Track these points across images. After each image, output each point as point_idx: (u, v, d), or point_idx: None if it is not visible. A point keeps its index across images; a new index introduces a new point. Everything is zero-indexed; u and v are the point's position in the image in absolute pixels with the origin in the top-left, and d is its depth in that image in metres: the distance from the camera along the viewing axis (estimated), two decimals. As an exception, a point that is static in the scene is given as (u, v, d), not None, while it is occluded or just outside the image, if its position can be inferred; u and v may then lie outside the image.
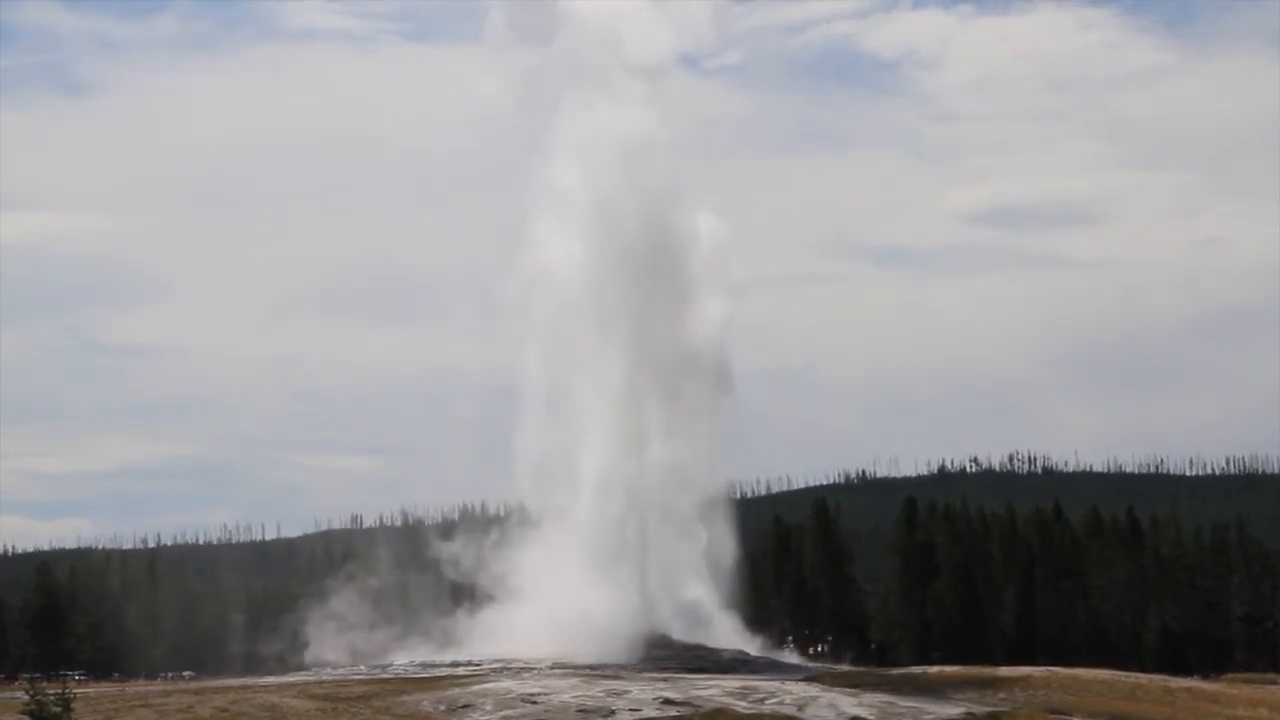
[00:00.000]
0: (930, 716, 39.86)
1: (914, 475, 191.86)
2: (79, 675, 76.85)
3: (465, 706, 39.77)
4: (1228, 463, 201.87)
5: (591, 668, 48.99)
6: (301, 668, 59.12)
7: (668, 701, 40.06)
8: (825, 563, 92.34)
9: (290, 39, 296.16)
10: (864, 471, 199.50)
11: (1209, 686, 51.68)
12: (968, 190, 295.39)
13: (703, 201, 65.30)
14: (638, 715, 38.67)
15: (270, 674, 59.53)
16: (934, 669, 53.94)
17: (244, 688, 46.59)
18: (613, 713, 38.92)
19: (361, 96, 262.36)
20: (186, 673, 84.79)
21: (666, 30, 64.60)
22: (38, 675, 42.64)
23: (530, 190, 62.94)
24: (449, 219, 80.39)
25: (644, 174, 62.09)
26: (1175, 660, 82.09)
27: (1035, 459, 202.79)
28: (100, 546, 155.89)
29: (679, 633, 56.37)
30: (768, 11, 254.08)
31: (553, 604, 54.33)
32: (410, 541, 65.52)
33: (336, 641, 63.69)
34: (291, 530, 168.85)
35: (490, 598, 57.12)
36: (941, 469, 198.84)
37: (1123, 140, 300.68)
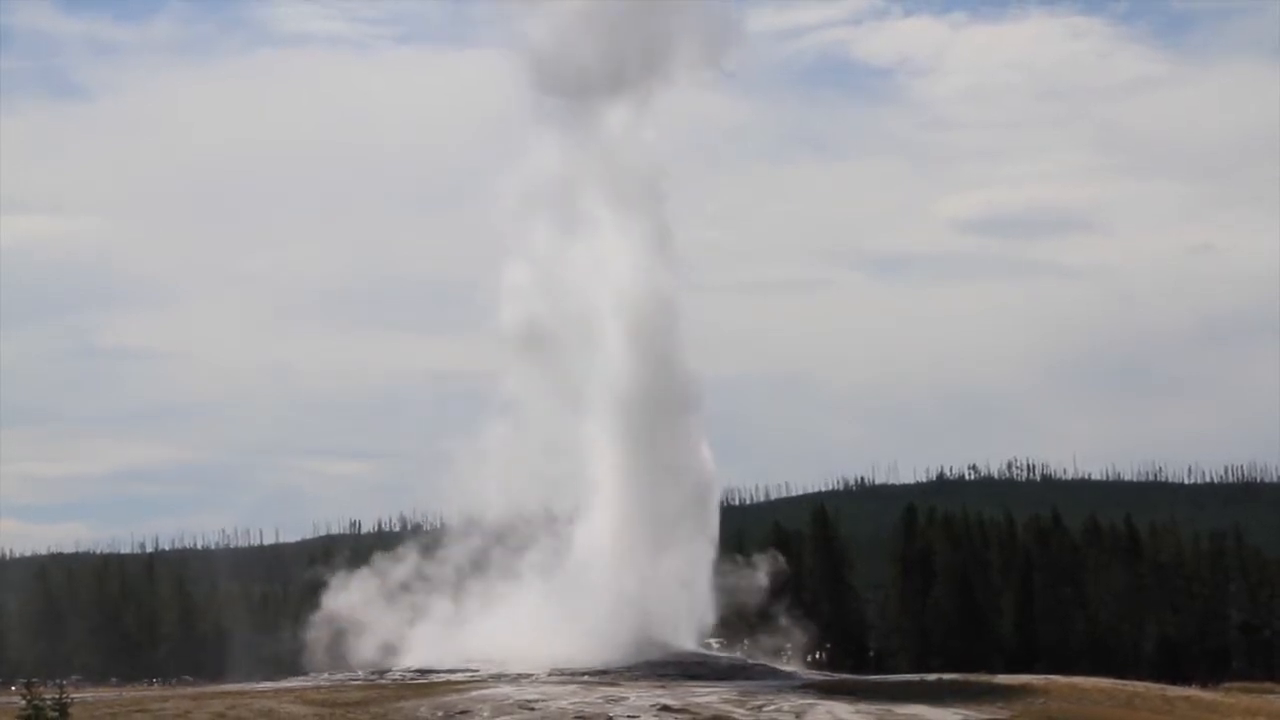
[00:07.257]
0: (928, 724, 39.85)
1: (913, 482, 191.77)
2: (76, 678, 76.73)
3: (463, 713, 39.78)
4: (1226, 471, 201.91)
5: (589, 674, 48.96)
6: (299, 673, 59.02)
7: (665, 708, 40.06)
8: (824, 570, 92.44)
9: (284, 44, 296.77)
10: (863, 478, 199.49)
11: (1207, 695, 51.62)
12: (962, 198, 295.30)
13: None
14: (635, 722, 38.75)
15: (268, 679, 59.43)
16: (932, 677, 53.90)
17: (241, 693, 46.63)
18: (610, 719, 38.93)
19: (357, 101, 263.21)
20: (185, 677, 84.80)
21: None
22: (35, 680, 42.52)
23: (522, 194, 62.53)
24: (446, 223, 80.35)
25: None
26: (1173, 668, 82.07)
27: (1034, 467, 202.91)
28: (98, 551, 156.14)
29: (676, 640, 56.24)
30: (760, 17, 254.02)
31: (551, 609, 54.28)
32: (409, 546, 65.35)
33: (335, 647, 63.58)
34: (290, 535, 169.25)
35: (488, 603, 57.04)
36: (940, 476, 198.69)
37: (1118, 148, 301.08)
